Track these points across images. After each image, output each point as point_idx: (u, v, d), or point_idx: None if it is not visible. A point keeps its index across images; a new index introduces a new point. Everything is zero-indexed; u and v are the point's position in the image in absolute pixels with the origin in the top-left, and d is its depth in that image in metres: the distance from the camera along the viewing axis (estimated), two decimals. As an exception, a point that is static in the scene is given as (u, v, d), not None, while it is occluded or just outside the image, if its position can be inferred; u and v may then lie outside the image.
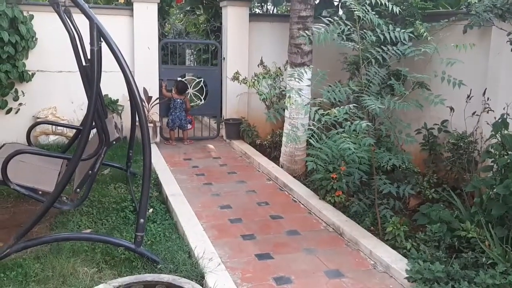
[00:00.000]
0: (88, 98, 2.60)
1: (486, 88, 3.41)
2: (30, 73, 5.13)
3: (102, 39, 2.53)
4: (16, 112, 5.12)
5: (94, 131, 2.98)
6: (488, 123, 3.27)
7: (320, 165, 2.91)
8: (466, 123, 3.50)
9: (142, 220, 2.68)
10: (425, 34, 3.01)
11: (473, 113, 3.46)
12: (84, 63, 2.71)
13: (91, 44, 2.51)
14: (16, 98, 5.10)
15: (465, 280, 2.47)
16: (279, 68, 5.42)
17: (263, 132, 5.69)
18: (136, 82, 2.52)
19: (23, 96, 5.14)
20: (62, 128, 4.75)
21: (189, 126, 5.87)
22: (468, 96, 3.40)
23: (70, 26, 2.69)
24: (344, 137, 2.75)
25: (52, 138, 5.07)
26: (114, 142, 2.97)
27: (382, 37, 2.98)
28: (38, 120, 4.82)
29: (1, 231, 3.10)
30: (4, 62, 4.75)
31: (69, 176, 2.60)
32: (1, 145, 3.60)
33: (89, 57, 2.62)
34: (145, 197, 2.69)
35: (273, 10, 7.20)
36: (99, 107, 2.65)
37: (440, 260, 2.62)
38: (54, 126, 4.73)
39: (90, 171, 2.84)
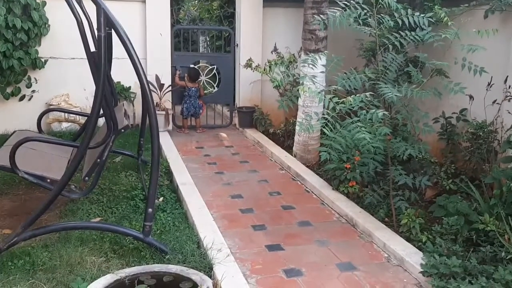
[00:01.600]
0: (95, 85, 2.51)
1: (507, 76, 3.31)
2: (43, 60, 5.15)
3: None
4: (29, 99, 5.14)
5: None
6: (509, 112, 3.21)
7: (333, 155, 2.84)
8: (486, 112, 3.41)
9: (150, 210, 2.67)
10: (445, 19, 2.87)
11: (494, 102, 3.38)
12: (92, 50, 2.71)
13: (98, 30, 2.47)
14: (29, 85, 5.12)
15: (483, 276, 2.38)
16: (293, 54, 5.34)
17: (277, 121, 5.65)
18: (146, 69, 2.58)
19: (36, 83, 5.15)
20: (74, 115, 4.73)
21: (201, 110, 5.72)
22: (489, 84, 3.30)
23: (77, 12, 2.58)
24: (359, 126, 2.68)
25: (65, 125, 5.07)
26: (123, 130, 2.96)
27: (400, 22, 2.90)
28: (51, 107, 4.79)
29: (12, 219, 3.12)
30: (17, 49, 4.75)
31: (76, 164, 2.58)
32: (12, 132, 3.69)
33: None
34: (153, 187, 2.66)
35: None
36: (107, 94, 2.62)
37: (457, 254, 2.55)
38: (66, 113, 4.70)
39: (98, 159, 2.83)
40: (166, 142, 5.02)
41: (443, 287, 2.34)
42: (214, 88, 6.05)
